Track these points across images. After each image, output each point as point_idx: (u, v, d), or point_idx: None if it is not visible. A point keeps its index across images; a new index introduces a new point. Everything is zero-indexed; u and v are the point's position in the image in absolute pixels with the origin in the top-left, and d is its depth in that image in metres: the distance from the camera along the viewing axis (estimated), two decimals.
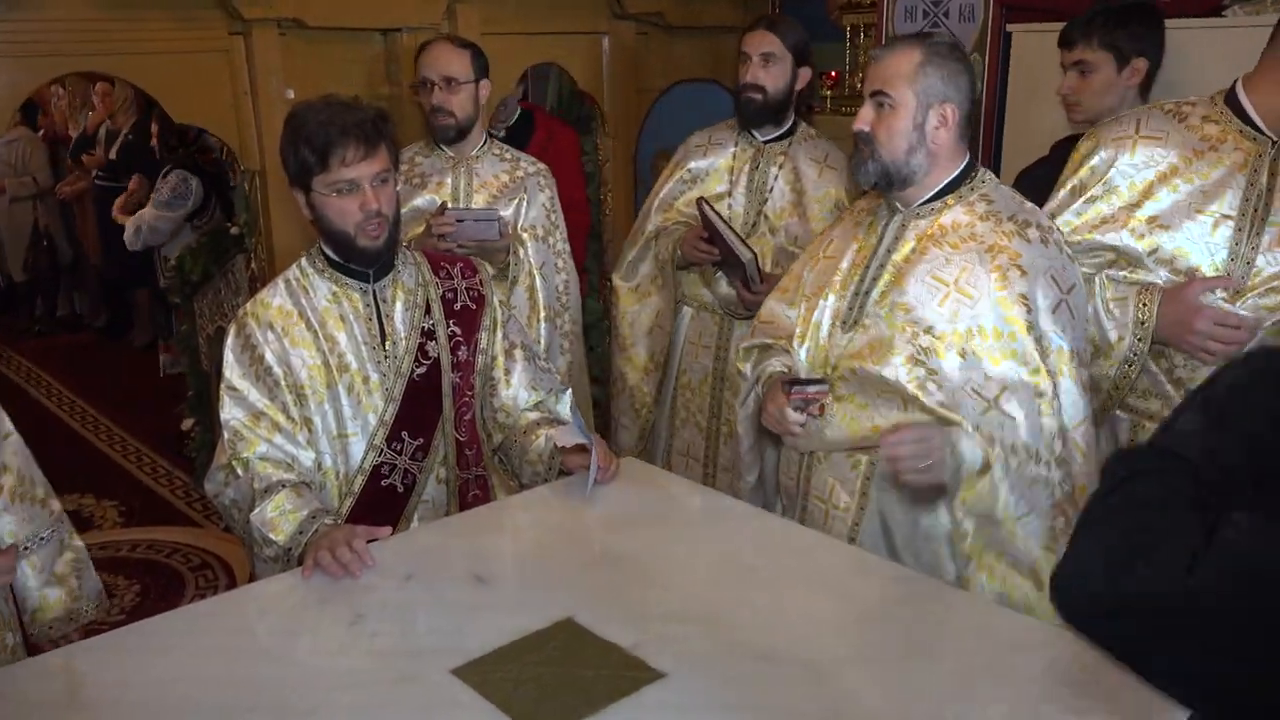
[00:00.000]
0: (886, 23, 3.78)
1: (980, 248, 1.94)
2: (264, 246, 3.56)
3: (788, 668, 1.58)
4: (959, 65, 1.97)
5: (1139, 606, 0.98)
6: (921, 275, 1.98)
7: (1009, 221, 1.97)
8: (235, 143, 3.44)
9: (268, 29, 3.37)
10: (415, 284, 2.22)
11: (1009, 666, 1.59)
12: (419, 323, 2.19)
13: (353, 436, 2.13)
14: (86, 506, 4.58)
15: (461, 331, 2.24)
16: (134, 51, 3.20)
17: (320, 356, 2.11)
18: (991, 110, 3.58)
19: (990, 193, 2.02)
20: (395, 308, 2.18)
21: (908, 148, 1.97)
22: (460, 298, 2.27)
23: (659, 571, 1.88)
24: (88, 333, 7.46)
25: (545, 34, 4.11)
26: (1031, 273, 1.92)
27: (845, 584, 1.85)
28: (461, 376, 2.23)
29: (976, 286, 1.92)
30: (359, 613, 1.75)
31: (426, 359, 2.18)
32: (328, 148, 1.99)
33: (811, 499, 2.16)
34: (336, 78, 3.60)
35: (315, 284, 2.15)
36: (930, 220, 2.02)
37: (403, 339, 2.17)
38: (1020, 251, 1.93)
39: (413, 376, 2.17)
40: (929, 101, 1.95)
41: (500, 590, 1.84)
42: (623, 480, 2.27)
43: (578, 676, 1.56)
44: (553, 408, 2.36)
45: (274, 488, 2.00)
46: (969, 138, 2.05)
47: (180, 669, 1.61)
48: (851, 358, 2.04)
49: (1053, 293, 1.93)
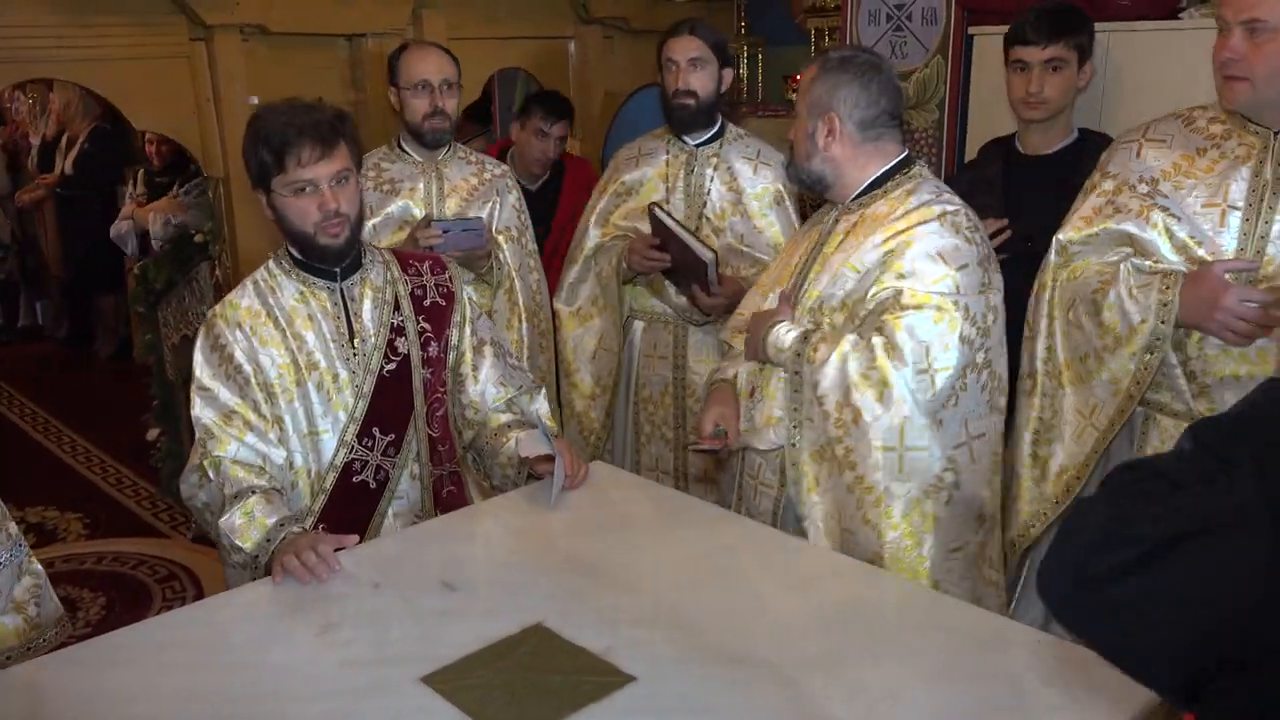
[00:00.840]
0: (850, 26, 3.81)
1: (886, 232, 2.07)
2: (229, 253, 3.54)
3: (758, 670, 1.59)
4: (846, 76, 2.10)
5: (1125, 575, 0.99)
6: (837, 263, 2.12)
7: (920, 209, 2.07)
8: (198, 150, 3.41)
9: (230, 35, 3.35)
10: (384, 281, 2.23)
11: (977, 665, 1.61)
12: (388, 319, 2.20)
13: (323, 434, 2.14)
14: (50, 519, 4.51)
15: (431, 328, 2.25)
16: (94, 58, 3.17)
17: (289, 355, 2.11)
18: (954, 111, 3.62)
19: (915, 186, 2.13)
20: (364, 305, 2.19)
21: (806, 155, 2.17)
22: (429, 294, 2.27)
23: (629, 575, 1.88)
24: (49, 343, 7.36)
25: (511, 39, 4.11)
26: (917, 246, 2.02)
27: (815, 585, 1.86)
28: (433, 373, 2.24)
29: (863, 262, 2.07)
30: (328, 622, 1.74)
31: (396, 355, 2.19)
32: (284, 149, 2.00)
33: (745, 477, 2.30)
34: (300, 84, 3.55)
35: (283, 284, 2.16)
36: (859, 214, 2.15)
37: (371, 335, 2.18)
38: (916, 231, 2.04)
39: (382, 372, 2.18)
40: (816, 114, 2.13)
41: (470, 596, 1.83)
42: (591, 485, 2.27)
43: (548, 682, 1.56)
44: (525, 407, 2.37)
45: (243, 494, 2.00)
46: (898, 139, 2.17)
47: (147, 682, 1.59)
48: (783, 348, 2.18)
49: (938, 267, 2.02)
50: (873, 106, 2.10)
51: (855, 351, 2.02)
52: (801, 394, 2.09)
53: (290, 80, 3.54)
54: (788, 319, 2.14)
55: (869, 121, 2.11)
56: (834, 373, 2.03)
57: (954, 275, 2.02)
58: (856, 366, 2.01)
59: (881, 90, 2.10)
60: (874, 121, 2.11)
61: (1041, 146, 2.74)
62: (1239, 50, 1.98)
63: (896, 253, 2.03)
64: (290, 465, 2.13)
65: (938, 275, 2.01)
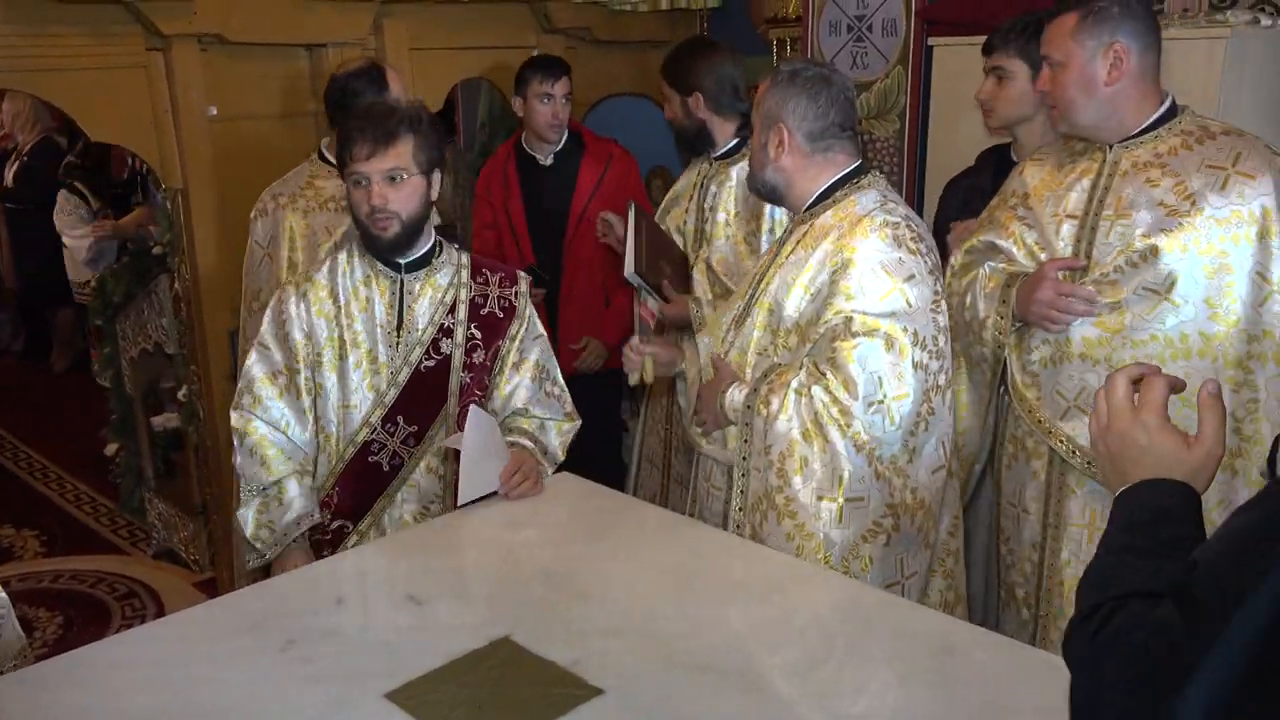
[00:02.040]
0: (812, 37, 3.84)
1: (830, 246, 2.09)
2: (188, 266, 3.49)
3: (726, 679, 1.59)
4: (794, 89, 2.14)
5: None
6: (785, 275, 2.15)
7: (862, 221, 2.09)
8: (156, 161, 3.36)
9: (188, 44, 3.30)
10: (448, 283, 2.33)
11: (944, 671, 1.62)
12: (439, 319, 2.30)
13: (354, 408, 2.28)
14: (6, 536, 4.43)
15: (482, 336, 2.33)
16: (48, 68, 3.11)
17: (338, 330, 2.27)
18: (915, 122, 3.66)
19: (860, 196, 2.15)
20: (420, 300, 2.30)
21: (760, 165, 2.22)
22: (490, 304, 2.35)
23: (596, 587, 1.88)
24: (6, 356, 7.22)
25: (474, 49, 4.08)
26: (861, 264, 2.04)
27: (782, 594, 1.86)
28: (473, 378, 2.33)
29: (815, 283, 2.09)
30: (290, 638, 1.71)
31: (438, 354, 2.30)
32: (346, 142, 2.17)
33: (699, 481, 2.35)
34: (260, 94, 3.55)
35: (355, 265, 2.30)
36: (809, 224, 2.18)
37: (419, 330, 2.29)
38: (858, 246, 2.06)
39: (419, 367, 2.28)
40: (767, 125, 2.17)
41: (435, 611, 1.82)
42: (558, 497, 2.26)
43: (515, 696, 1.55)
44: (536, 432, 2.37)
45: (255, 491, 2.22)
46: (850, 149, 2.20)
47: (106, 702, 1.56)
48: (733, 357, 2.23)
49: (884, 282, 2.03)
50: (821, 119, 2.13)
51: (802, 397, 2.03)
52: (751, 444, 2.11)
53: (249, 90, 3.51)
54: (733, 379, 2.17)
55: (818, 133, 2.14)
56: (783, 425, 2.05)
57: (901, 288, 2.03)
58: (806, 415, 2.03)
59: (831, 102, 2.14)
60: (823, 133, 2.14)
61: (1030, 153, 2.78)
62: (1045, 83, 2.23)
63: (841, 271, 2.05)
64: (323, 429, 2.29)
65: (884, 290, 2.02)
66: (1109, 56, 2.11)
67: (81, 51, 3.15)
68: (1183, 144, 2.14)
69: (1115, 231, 2.17)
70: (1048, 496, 2.30)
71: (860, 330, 2.01)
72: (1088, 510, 2.24)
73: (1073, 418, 2.23)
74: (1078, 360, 2.22)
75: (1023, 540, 2.37)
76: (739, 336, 2.23)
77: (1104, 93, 2.15)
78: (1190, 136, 2.15)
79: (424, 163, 2.20)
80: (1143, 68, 2.14)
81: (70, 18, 3.09)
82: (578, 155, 3.55)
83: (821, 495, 2.02)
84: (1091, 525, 2.23)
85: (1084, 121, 2.20)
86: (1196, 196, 2.08)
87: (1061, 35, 2.16)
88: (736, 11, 4.55)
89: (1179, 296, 2.10)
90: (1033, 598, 2.36)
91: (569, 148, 3.56)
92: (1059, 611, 2.28)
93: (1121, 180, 2.18)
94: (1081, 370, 2.22)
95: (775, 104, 2.15)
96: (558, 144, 3.54)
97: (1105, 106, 2.17)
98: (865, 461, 2.02)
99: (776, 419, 2.05)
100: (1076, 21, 2.13)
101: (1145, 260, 2.12)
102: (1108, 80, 2.13)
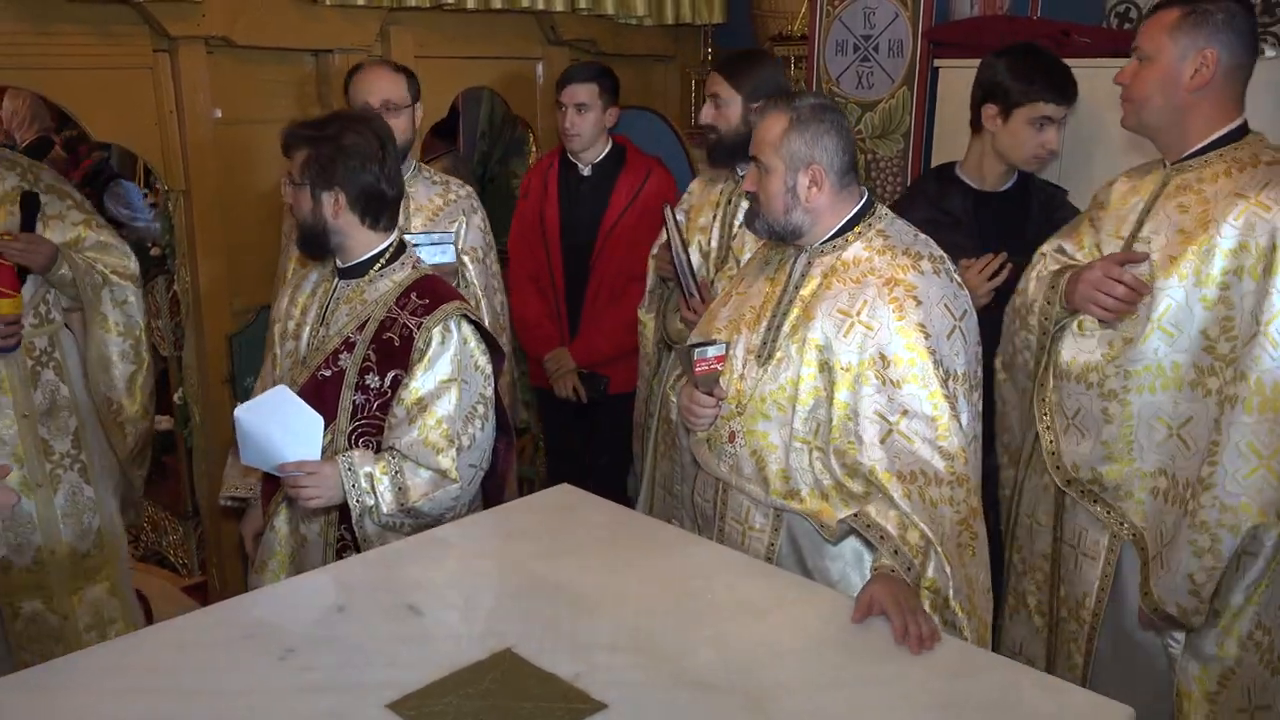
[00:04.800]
0: (817, 56, 3.85)
1: (879, 281, 2.05)
2: (188, 268, 3.47)
3: (728, 696, 1.58)
4: (823, 126, 2.08)
5: None
6: (828, 310, 2.08)
7: (904, 255, 2.08)
8: (159, 162, 3.35)
9: (195, 46, 3.29)
10: (373, 299, 2.31)
11: (950, 693, 1.61)
12: (345, 330, 2.31)
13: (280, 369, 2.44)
14: None
15: (376, 360, 2.27)
16: (53, 66, 3.09)
17: (296, 316, 2.42)
18: (919, 143, 3.67)
19: (886, 228, 2.14)
20: (341, 309, 2.33)
21: (784, 208, 2.12)
22: (393, 330, 2.28)
23: (598, 600, 1.87)
24: None
25: (479, 58, 4.08)
26: (926, 302, 2.03)
27: (785, 610, 1.86)
28: (366, 400, 2.28)
29: (876, 318, 2.03)
30: (289, 647, 1.70)
31: (335, 365, 2.30)
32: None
33: (729, 521, 2.23)
34: (266, 98, 3.53)
35: (326, 262, 2.41)
36: (834, 256, 2.13)
37: (330, 337, 2.32)
38: (915, 283, 2.04)
39: (316, 374, 2.31)
40: (796, 166, 2.09)
41: (436, 621, 1.80)
42: (561, 508, 2.25)
43: (517, 709, 1.54)
44: (397, 462, 2.23)
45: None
46: (860, 179, 2.20)
47: (102, 708, 1.54)
48: (768, 395, 2.12)
49: (947, 320, 2.04)
50: (846, 153, 2.11)
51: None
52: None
53: (255, 94, 3.50)
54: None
55: (844, 169, 2.12)
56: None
57: (959, 326, 2.05)
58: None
59: (849, 136, 2.13)
60: (848, 168, 2.13)
61: (1000, 183, 2.80)
62: (1126, 75, 2.17)
63: (906, 308, 2.01)
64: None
65: (947, 328, 2.03)
66: (1197, 60, 2.06)
67: (88, 51, 3.14)
68: (1225, 170, 2.09)
69: (1145, 265, 2.13)
70: (1058, 511, 2.33)
71: (932, 416, 2.00)
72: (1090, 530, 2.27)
73: (1071, 434, 2.24)
74: (1074, 381, 2.22)
75: (1035, 550, 2.40)
76: (765, 374, 2.13)
77: (1181, 97, 2.09)
78: (1237, 164, 2.09)
79: (311, 179, 2.26)
80: (1226, 83, 2.09)
81: (78, 17, 3.08)
82: (616, 169, 3.52)
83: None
84: (1098, 545, 2.26)
85: (1152, 121, 2.16)
86: (1211, 225, 2.05)
87: (1158, 29, 2.10)
88: (740, 28, 4.56)
89: (1171, 325, 2.08)
90: (1046, 606, 2.40)
91: (609, 160, 3.53)
92: (1070, 617, 2.33)
93: (1163, 203, 2.16)
94: (1077, 391, 2.22)
95: (805, 144, 2.08)
96: (590, 153, 3.50)
97: (1176, 112, 2.12)
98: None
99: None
100: (1178, 18, 2.07)
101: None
102: (1189, 85, 2.08)
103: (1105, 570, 2.24)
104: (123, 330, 2.96)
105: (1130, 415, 2.14)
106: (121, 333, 2.96)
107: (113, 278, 2.90)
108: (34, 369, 2.84)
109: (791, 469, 2.09)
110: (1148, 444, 2.14)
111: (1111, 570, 2.24)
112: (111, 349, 2.94)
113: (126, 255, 2.96)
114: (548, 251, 3.55)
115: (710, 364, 2.14)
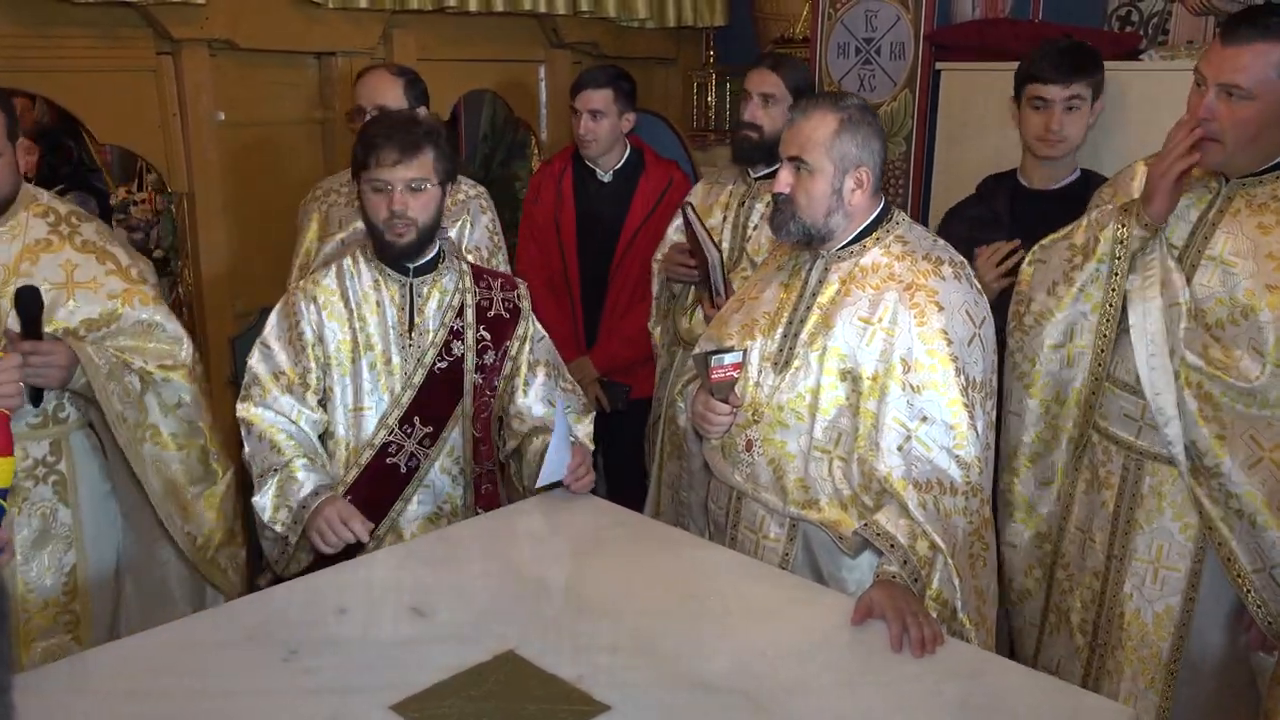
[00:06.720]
0: (820, 60, 3.86)
1: (899, 286, 2.03)
2: (191, 270, 3.47)
3: (731, 698, 1.58)
4: (871, 129, 2.07)
5: None
6: (849, 318, 2.05)
7: (924, 260, 2.06)
8: (163, 165, 3.35)
9: (198, 49, 3.30)
10: (454, 288, 2.40)
11: (954, 695, 1.61)
12: (449, 322, 2.37)
13: (368, 410, 2.33)
14: None
15: (491, 338, 2.42)
16: (57, 69, 3.10)
17: (350, 333, 2.32)
18: (921, 147, 3.67)
19: (905, 233, 2.11)
20: (429, 303, 2.37)
21: (827, 210, 2.07)
22: (495, 307, 2.44)
23: (601, 602, 1.87)
24: None
25: (481, 61, 4.09)
26: (948, 308, 2.01)
27: (787, 613, 1.86)
28: (484, 378, 2.41)
29: (898, 323, 2.01)
30: (292, 648, 1.70)
31: (450, 355, 2.36)
32: (370, 148, 2.22)
33: (742, 530, 2.20)
34: (269, 100, 3.55)
35: (362, 270, 2.36)
36: (851, 262, 2.10)
37: (430, 332, 2.36)
38: (937, 289, 2.02)
39: (433, 369, 2.34)
40: (845, 167, 2.05)
41: (440, 623, 1.80)
42: (562, 510, 2.25)
43: (520, 711, 1.54)
44: (575, 426, 2.43)
45: (268, 474, 2.23)
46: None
47: (105, 709, 1.55)
48: (785, 403, 2.09)
49: (968, 327, 2.03)
50: (883, 154, 2.10)
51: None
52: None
53: (258, 97, 3.51)
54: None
55: (881, 171, 2.10)
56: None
57: (978, 333, 2.03)
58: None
59: (883, 141, 2.11)
60: (884, 171, 2.12)
61: (1049, 181, 2.73)
62: (1212, 111, 2.00)
63: (928, 313, 1.99)
64: (332, 435, 2.34)
65: (967, 335, 2.01)
66: None
67: (91, 54, 3.14)
68: None
69: (1217, 276, 2.06)
70: (1114, 530, 2.24)
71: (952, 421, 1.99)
72: (1154, 546, 2.18)
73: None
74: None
75: (1084, 567, 2.31)
76: (782, 382, 2.10)
77: (1276, 134, 1.99)
78: None
79: (442, 173, 2.28)
80: None
81: (81, 20, 3.09)
82: (637, 175, 3.43)
83: None
84: (1157, 561, 2.18)
85: (1243, 161, 2.04)
86: None
87: (1264, 65, 1.94)
88: (742, 31, 4.57)
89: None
90: (1089, 625, 2.31)
91: (629, 166, 3.44)
92: (1117, 642, 2.23)
93: (1232, 219, 2.07)
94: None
95: (856, 146, 2.03)
96: (610, 159, 3.41)
97: (1270, 147, 2.02)
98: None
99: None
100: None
101: (1246, 318, 2.00)
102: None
103: (1188, 594, 2.16)
104: (183, 441, 2.32)
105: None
106: (182, 444, 2.32)
107: (156, 374, 2.24)
108: (20, 482, 2.12)
109: (810, 478, 2.07)
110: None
111: (1195, 594, 2.16)
112: (174, 467, 2.30)
113: (177, 340, 2.30)
114: (563, 258, 3.47)
115: (727, 371, 2.11)
